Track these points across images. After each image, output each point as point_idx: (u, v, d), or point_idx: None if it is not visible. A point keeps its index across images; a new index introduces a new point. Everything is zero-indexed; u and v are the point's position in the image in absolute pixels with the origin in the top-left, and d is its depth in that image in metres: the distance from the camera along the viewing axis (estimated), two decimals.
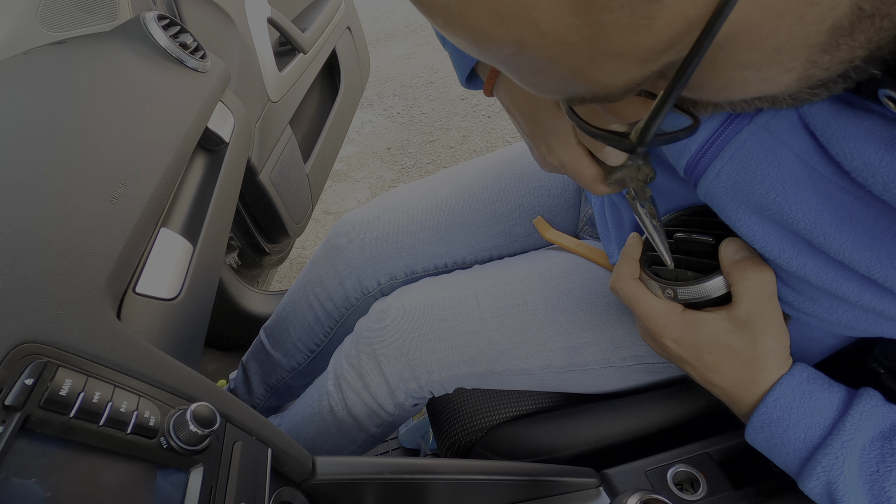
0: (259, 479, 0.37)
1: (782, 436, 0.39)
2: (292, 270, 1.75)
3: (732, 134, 0.35)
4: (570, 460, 0.59)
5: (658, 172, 0.42)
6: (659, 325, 0.41)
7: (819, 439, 0.37)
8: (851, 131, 0.29)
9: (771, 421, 0.39)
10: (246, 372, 0.89)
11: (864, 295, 0.34)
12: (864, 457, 0.36)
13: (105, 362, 0.34)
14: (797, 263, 0.36)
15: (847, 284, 0.34)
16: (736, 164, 0.36)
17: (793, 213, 0.33)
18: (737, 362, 0.40)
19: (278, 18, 1.06)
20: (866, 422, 0.36)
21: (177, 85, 0.66)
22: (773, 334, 0.39)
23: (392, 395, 0.63)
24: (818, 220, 0.33)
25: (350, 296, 0.78)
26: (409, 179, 2.15)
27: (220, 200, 0.66)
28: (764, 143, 0.34)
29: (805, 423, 0.38)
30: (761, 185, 0.34)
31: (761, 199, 0.35)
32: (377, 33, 3.47)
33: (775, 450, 0.40)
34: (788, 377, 0.39)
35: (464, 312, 0.61)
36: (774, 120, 0.33)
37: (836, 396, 0.38)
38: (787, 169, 0.33)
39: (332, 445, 0.68)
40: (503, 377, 0.62)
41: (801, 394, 0.39)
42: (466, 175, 0.76)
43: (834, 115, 0.30)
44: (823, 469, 0.37)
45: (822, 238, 0.33)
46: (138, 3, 0.74)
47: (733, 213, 0.37)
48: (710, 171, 0.37)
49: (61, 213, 0.43)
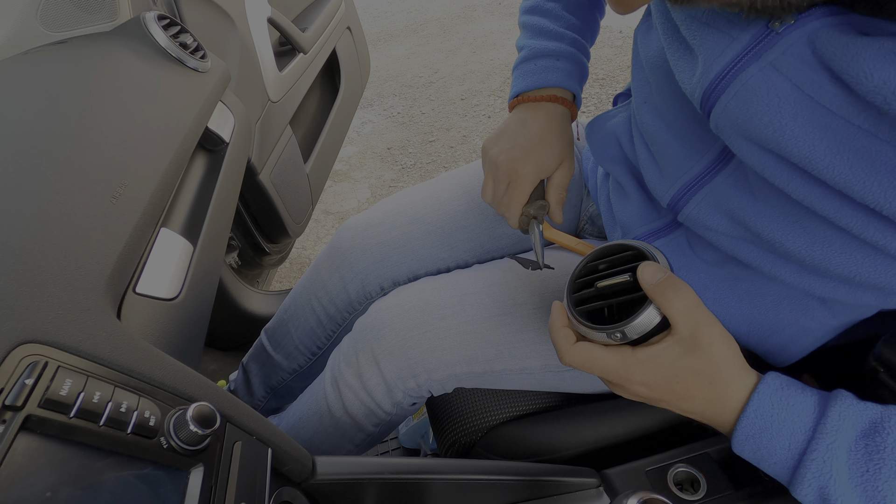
0: (259, 479, 0.37)
1: (767, 445, 0.39)
2: (292, 270, 1.75)
3: (741, 70, 0.38)
4: (570, 460, 0.59)
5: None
6: (622, 374, 0.41)
7: (804, 444, 0.37)
8: (871, 53, 0.32)
9: (754, 432, 0.39)
10: (246, 373, 0.89)
11: (868, 227, 0.37)
12: (852, 458, 0.36)
13: (105, 362, 0.34)
14: (801, 191, 0.38)
15: (851, 214, 0.37)
16: (740, 99, 0.39)
17: (788, 148, 0.37)
18: (703, 382, 0.39)
19: (278, 18, 1.06)
20: (845, 422, 0.37)
21: (177, 85, 0.66)
22: (720, 340, 0.39)
23: (390, 395, 0.63)
24: (812, 154, 0.36)
25: (353, 300, 0.78)
26: (409, 179, 2.15)
27: (220, 200, 0.66)
28: (768, 80, 0.37)
29: (787, 429, 0.38)
30: (760, 120, 0.37)
31: (760, 134, 0.38)
32: (377, 33, 3.47)
33: (764, 460, 0.40)
34: (763, 385, 0.39)
35: (463, 311, 0.61)
36: (783, 57, 0.36)
37: (812, 400, 0.39)
38: (787, 106, 0.36)
39: (329, 445, 0.68)
40: (502, 376, 0.62)
41: (779, 400, 0.39)
42: (468, 177, 0.76)
43: (852, 41, 0.32)
44: (814, 475, 0.37)
45: (817, 169, 0.36)
46: (138, 3, 0.74)
47: (736, 143, 0.41)
48: (718, 106, 0.40)
49: (61, 213, 0.43)
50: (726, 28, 0.40)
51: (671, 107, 0.50)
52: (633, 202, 0.58)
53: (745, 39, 0.39)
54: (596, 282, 0.44)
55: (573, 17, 0.65)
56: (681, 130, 0.49)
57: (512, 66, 0.66)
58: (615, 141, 0.60)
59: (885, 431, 0.36)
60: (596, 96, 2.46)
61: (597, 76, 2.58)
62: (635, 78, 0.57)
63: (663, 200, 0.52)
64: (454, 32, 3.30)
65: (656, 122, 0.52)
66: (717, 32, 0.40)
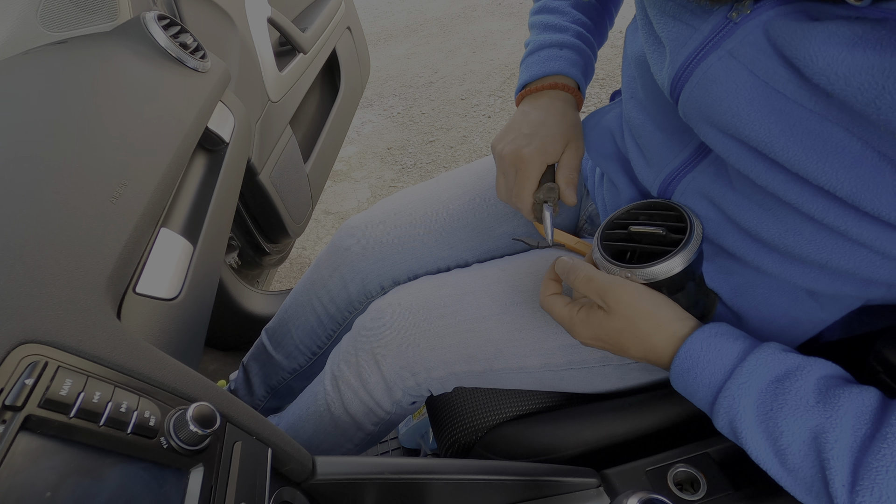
0: (259, 479, 0.37)
1: (693, 383, 0.44)
2: (292, 270, 1.75)
3: (702, 59, 0.41)
4: (570, 460, 0.59)
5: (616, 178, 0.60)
6: (568, 327, 0.50)
7: (720, 383, 0.42)
8: (817, 36, 0.33)
9: (682, 371, 0.44)
10: (247, 373, 0.89)
11: (829, 212, 0.38)
12: (761, 398, 0.40)
13: (105, 362, 0.34)
14: (764, 177, 0.41)
15: (812, 199, 0.39)
16: (701, 87, 0.41)
17: (747, 132, 0.38)
18: (629, 336, 0.46)
19: (278, 18, 1.06)
20: (761, 367, 0.41)
21: (177, 85, 0.66)
22: (629, 301, 0.46)
23: (389, 393, 0.63)
24: (768, 137, 0.38)
25: (353, 299, 0.78)
26: (409, 179, 2.15)
27: (220, 200, 0.66)
28: (726, 68, 0.39)
29: (709, 370, 0.43)
30: (720, 106, 0.40)
31: (721, 119, 0.40)
32: (377, 33, 3.47)
33: (691, 396, 0.45)
34: (698, 332, 0.44)
35: (462, 310, 0.61)
36: (740, 46, 0.38)
37: (739, 346, 0.43)
38: (744, 92, 0.38)
39: (329, 444, 0.68)
40: (502, 375, 0.62)
41: (708, 346, 0.43)
42: (469, 177, 0.76)
43: (802, 27, 0.34)
44: (725, 410, 0.41)
45: (774, 152, 0.38)
46: (138, 3, 0.74)
47: (702, 129, 0.43)
48: (683, 94, 0.43)
49: (61, 213, 0.43)
50: (690, 20, 0.42)
51: (653, 101, 0.51)
52: (623, 198, 0.59)
53: (706, 30, 0.41)
54: (630, 226, 0.49)
55: (581, 14, 0.66)
56: (663, 123, 0.51)
57: (512, 66, 0.66)
58: (609, 136, 0.61)
59: (794, 377, 0.39)
60: (596, 96, 2.46)
61: (597, 76, 2.58)
62: (624, 74, 0.58)
63: (653, 189, 0.53)
64: (454, 32, 3.30)
65: (641, 116, 0.53)
66: (682, 25, 0.42)
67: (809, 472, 0.37)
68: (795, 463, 0.38)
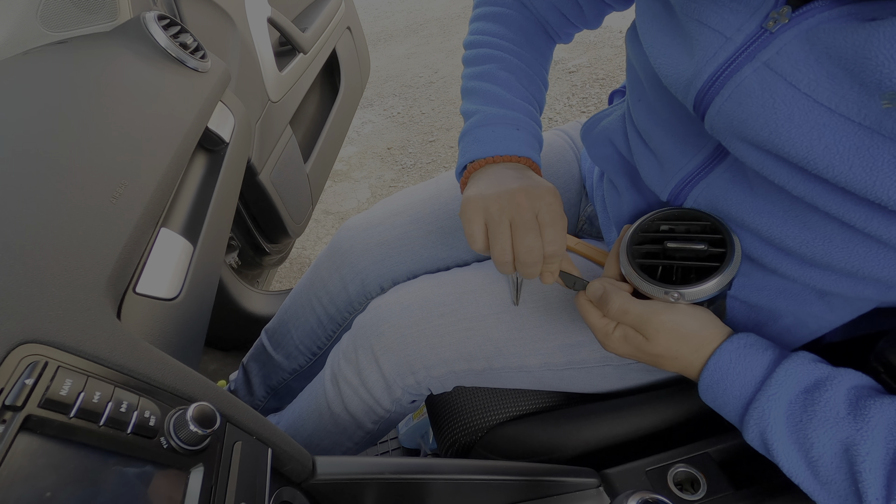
0: (259, 479, 0.37)
1: (723, 395, 0.43)
2: (292, 270, 1.75)
3: (735, 71, 0.38)
4: (570, 460, 0.59)
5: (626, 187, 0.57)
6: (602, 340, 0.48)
7: (750, 396, 0.42)
8: (886, 35, 0.31)
9: (712, 382, 0.44)
10: (247, 373, 0.89)
11: (871, 221, 0.36)
12: (791, 409, 0.40)
13: (105, 362, 0.34)
14: (801, 188, 0.39)
15: (854, 209, 0.37)
16: (735, 101, 0.39)
17: (786, 148, 0.37)
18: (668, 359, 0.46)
19: (278, 18, 1.06)
20: (791, 378, 0.40)
21: (177, 85, 0.66)
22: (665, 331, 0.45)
23: (389, 392, 0.63)
24: (810, 154, 0.36)
25: (353, 300, 0.78)
26: (409, 179, 2.15)
27: (220, 200, 0.66)
28: (763, 81, 0.37)
29: (739, 382, 0.42)
30: (756, 122, 0.37)
31: (756, 135, 0.38)
32: (377, 33, 3.47)
33: (721, 408, 0.44)
34: (727, 343, 0.44)
35: (462, 309, 0.61)
36: (777, 56, 0.36)
37: (768, 358, 0.42)
38: (783, 107, 0.36)
39: (329, 443, 0.68)
40: (502, 374, 0.62)
41: (738, 357, 0.43)
42: None
43: (860, 28, 0.32)
44: (755, 422, 0.41)
45: (817, 168, 0.36)
46: (138, 3, 0.74)
47: (732, 143, 0.41)
48: (713, 108, 0.40)
49: (61, 213, 0.43)
50: (721, 27, 0.39)
51: (664, 105, 0.50)
52: (625, 200, 0.58)
53: (739, 40, 0.38)
54: (665, 241, 0.48)
55: (525, 90, 0.60)
56: (675, 128, 0.49)
57: None
58: (608, 140, 0.60)
59: (824, 388, 0.39)
60: (596, 96, 2.46)
61: (597, 76, 2.58)
62: (629, 76, 0.57)
63: (663, 195, 0.52)
64: (454, 32, 3.30)
65: (651, 120, 0.52)
66: (711, 32, 0.40)
67: (843, 485, 0.36)
68: (828, 475, 0.37)
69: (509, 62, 0.60)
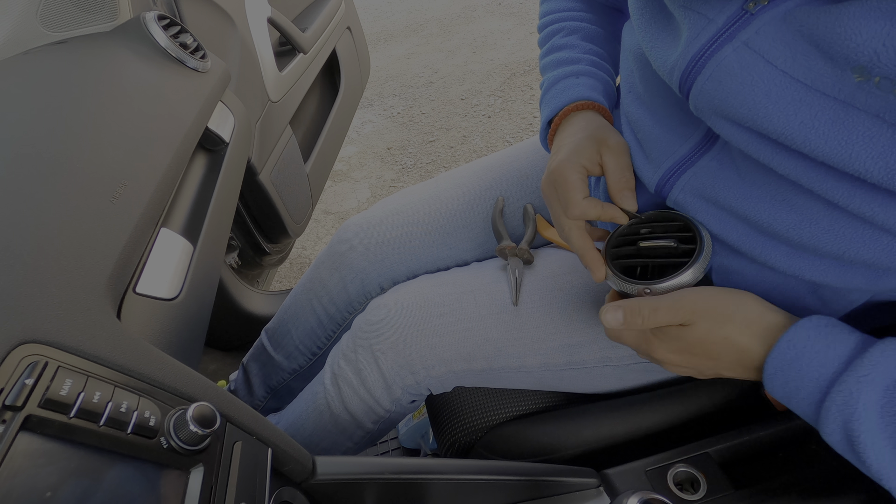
0: (259, 479, 0.37)
1: (796, 377, 0.37)
2: (292, 270, 1.75)
3: (716, 51, 0.39)
4: (570, 460, 0.59)
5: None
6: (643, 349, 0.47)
7: (833, 376, 0.35)
8: (854, 13, 0.32)
9: (784, 363, 0.38)
10: (247, 373, 0.89)
11: (854, 197, 0.36)
12: (887, 397, 0.33)
13: (105, 362, 0.34)
14: (785, 166, 0.39)
15: (836, 185, 0.37)
16: (715, 80, 0.39)
17: (764, 125, 0.37)
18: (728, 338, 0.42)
19: (278, 18, 1.06)
20: (887, 360, 0.34)
21: (177, 85, 0.66)
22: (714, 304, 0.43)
23: (389, 391, 0.63)
24: (788, 129, 0.36)
25: (353, 300, 0.78)
26: (409, 179, 2.15)
27: (220, 200, 0.66)
28: (741, 60, 0.38)
29: (819, 360, 0.36)
30: (735, 99, 0.38)
31: (736, 113, 0.39)
32: (377, 33, 3.47)
33: (792, 395, 0.38)
34: (805, 321, 0.39)
35: (461, 309, 0.61)
36: (756, 36, 0.37)
37: (855, 336, 0.37)
38: (760, 84, 0.37)
39: (329, 443, 0.68)
40: (501, 374, 0.62)
41: (817, 334, 0.37)
42: (468, 177, 0.76)
43: (833, 8, 0.33)
44: (838, 409, 0.34)
45: (795, 143, 0.36)
46: (138, 3, 0.74)
47: (715, 123, 0.42)
48: (695, 88, 0.41)
49: (61, 213, 0.43)
50: (704, 10, 0.41)
51: (653, 94, 0.51)
52: None
53: (720, 21, 0.39)
54: (639, 241, 0.49)
55: (592, 45, 0.63)
56: (663, 116, 0.50)
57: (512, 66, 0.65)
58: None
59: None
60: None
61: None
62: (622, 69, 0.57)
63: (650, 186, 0.52)
64: (454, 32, 3.30)
65: (640, 110, 0.52)
66: (695, 14, 0.41)
67: None
68: None
69: (570, 26, 0.64)
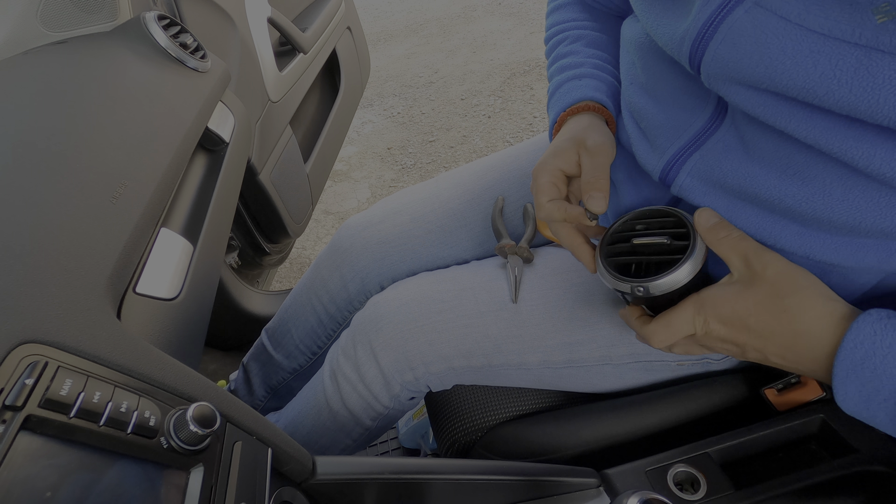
0: (259, 479, 0.37)
1: (879, 372, 0.34)
2: (292, 270, 1.75)
3: (727, 14, 0.39)
4: (570, 460, 0.59)
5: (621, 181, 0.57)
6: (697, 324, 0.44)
7: None
8: None
9: (862, 356, 0.35)
10: (247, 373, 0.89)
11: (875, 157, 0.35)
12: None
13: (105, 362, 0.34)
14: (804, 128, 0.37)
15: (857, 146, 0.35)
16: (728, 43, 0.39)
17: (782, 82, 0.36)
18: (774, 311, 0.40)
19: (278, 18, 1.06)
20: None
21: (177, 85, 0.66)
22: (776, 265, 0.40)
23: (388, 388, 0.63)
24: (808, 83, 0.35)
25: (353, 299, 0.78)
26: (409, 179, 2.15)
27: (220, 200, 0.66)
28: (754, 19, 0.37)
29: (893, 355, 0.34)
30: (750, 60, 0.37)
31: (752, 75, 0.38)
32: (377, 33, 3.47)
33: (872, 395, 0.34)
34: (865, 315, 0.36)
35: (460, 306, 0.61)
36: None
37: None
38: (775, 41, 0.36)
39: (328, 440, 0.68)
40: (500, 372, 0.62)
41: (883, 327, 0.35)
42: (468, 176, 0.76)
43: None
44: None
45: (817, 98, 0.35)
46: (138, 3, 0.74)
47: (729, 90, 0.41)
48: (707, 55, 0.41)
49: (61, 213, 0.43)
50: None
51: (656, 80, 0.50)
52: (621, 193, 0.58)
53: None
54: (633, 238, 0.48)
55: (595, 50, 0.63)
56: (667, 102, 0.50)
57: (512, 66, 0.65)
58: None
59: None
60: None
61: None
62: (623, 62, 0.57)
63: (655, 174, 0.51)
64: (454, 32, 3.30)
65: (643, 99, 0.52)
66: None
67: None
68: None
69: (573, 35, 0.65)
